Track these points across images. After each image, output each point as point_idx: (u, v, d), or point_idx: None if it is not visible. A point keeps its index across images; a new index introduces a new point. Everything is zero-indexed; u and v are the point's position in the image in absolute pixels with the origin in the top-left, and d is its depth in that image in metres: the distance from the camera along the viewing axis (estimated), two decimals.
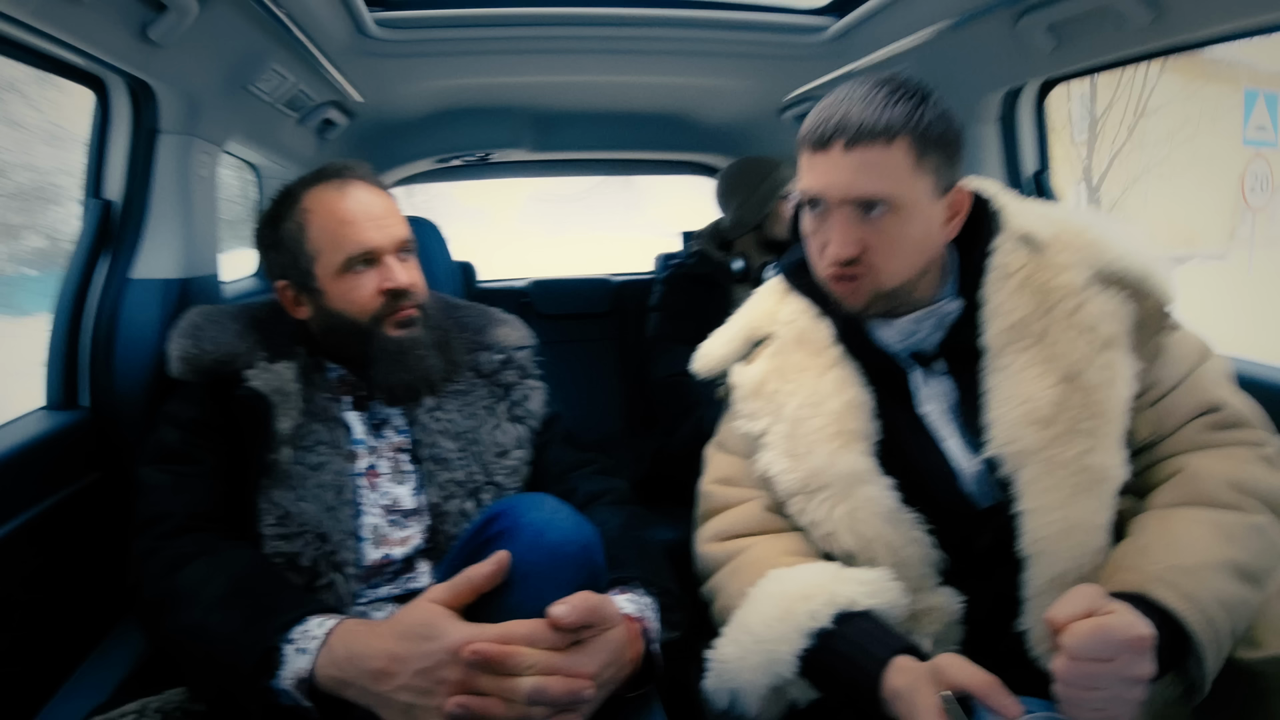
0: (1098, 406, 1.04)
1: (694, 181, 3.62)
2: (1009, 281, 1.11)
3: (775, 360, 1.22)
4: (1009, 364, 1.08)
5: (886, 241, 1.07)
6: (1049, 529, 1.03)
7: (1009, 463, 1.06)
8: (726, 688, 1.06)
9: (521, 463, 1.38)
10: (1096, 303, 1.07)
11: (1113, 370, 1.05)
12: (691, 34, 2.03)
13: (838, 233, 1.07)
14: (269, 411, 1.24)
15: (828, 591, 1.02)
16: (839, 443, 1.13)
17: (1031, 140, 2.15)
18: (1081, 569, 1.03)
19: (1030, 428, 1.05)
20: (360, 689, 0.91)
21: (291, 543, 1.18)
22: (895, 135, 1.03)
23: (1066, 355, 1.06)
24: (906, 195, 1.05)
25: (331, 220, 1.31)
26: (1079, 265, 1.09)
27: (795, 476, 1.15)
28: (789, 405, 1.17)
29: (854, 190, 1.04)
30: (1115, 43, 1.61)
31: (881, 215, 1.05)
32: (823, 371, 1.17)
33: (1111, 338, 1.06)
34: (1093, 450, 1.03)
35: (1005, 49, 1.81)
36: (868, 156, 1.03)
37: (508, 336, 1.51)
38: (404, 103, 2.45)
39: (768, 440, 1.19)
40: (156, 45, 1.38)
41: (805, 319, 1.23)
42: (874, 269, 1.08)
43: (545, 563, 0.96)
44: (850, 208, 1.06)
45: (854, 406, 1.15)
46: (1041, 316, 1.08)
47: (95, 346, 1.54)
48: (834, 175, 1.05)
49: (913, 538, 1.11)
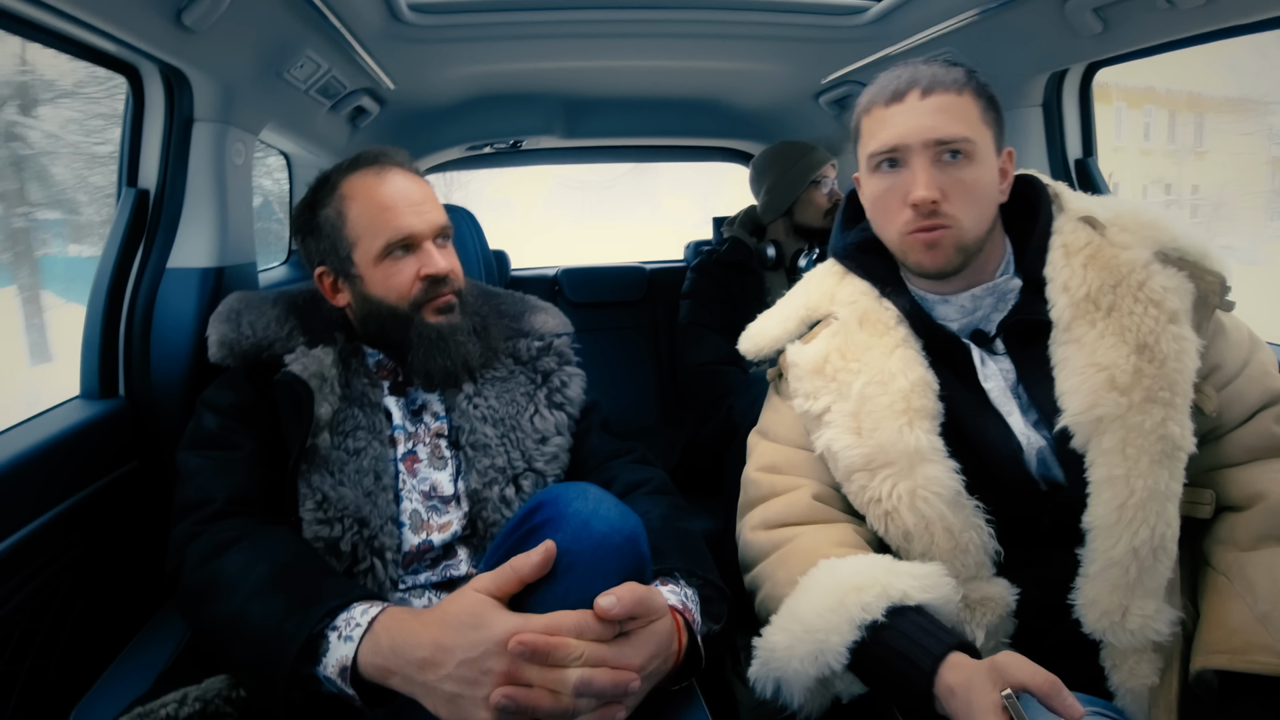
0: (1171, 376, 1.04)
1: (719, 168, 3.59)
2: (1075, 258, 1.12)
3: (837, 340, 1.22)
4: (1081, 335, 1.09)
5: (965, 188, 1.10)
6: (1134, 496, 1.02)
7: (1085, 431, 1.06)
8: (773, 676, 1.05)
9: (561, 449, 1.37)
10: (1159, 278, 1.08)
11: (1182, 343, 1.05)
12: (727, 17, 2.00)
13: (922, 176, 1.10)
14: (308, 396, 1.23)
15: (881, 584, 1.01)
16: (905, 419, 1.12)
17: (1076, 125, 2.10)
18: (1160, 538, 1.02)
19: (1111, 393, 1.04)
20: (405, 678, 0.90)
21: (331, 528, 1.17)
22: (964, 88, 1.11)
23: (1138, 327, 1.06)
24: (979, 142, 1.10)
25: (371, 206, 1.30)
26: (1140, 244, 1.11)
27: (859, 452, 1.15)
28: (855, 383, 1.17)
29: (937, 132, 1.09)
30: (1166, 26, 1.57)
31: (959, 161, 1.09)
32: (889, 350, 1.17)
33: (1176, 312, 1.06)
34: (1170, 419, 1.03)
35: (1050, 32, 1.77)
36: (944, 101, 1.10)
37: (546, 323, 1.51)
38: (436, 89, 2.44)
39: (830, 418, 1.19)
40: (191, 31, 1.38)
41: (867, 300, 1.23)
42: (955, 219, 1.10)
43: (591, 553, 0.94)
44: (932, 152, 1.10)
45: (921, 385, 1.14)
46: (1110, 290, 1.09)
47: (131, 336, 1.55)
48: (915, 120, 1.10)
49: (973, 524, 1.10)
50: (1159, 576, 1.03)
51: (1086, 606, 1.06)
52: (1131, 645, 1.04)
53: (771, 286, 2.49)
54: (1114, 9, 1.61)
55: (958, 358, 1.17)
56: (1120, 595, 1.03)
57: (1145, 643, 1.03)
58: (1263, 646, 0.95)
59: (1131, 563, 1.02)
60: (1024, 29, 1.81)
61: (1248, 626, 0.98)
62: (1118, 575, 1.03)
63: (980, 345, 1.17)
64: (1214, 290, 1.09)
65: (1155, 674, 1.04)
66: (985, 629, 1.09)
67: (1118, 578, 1.03)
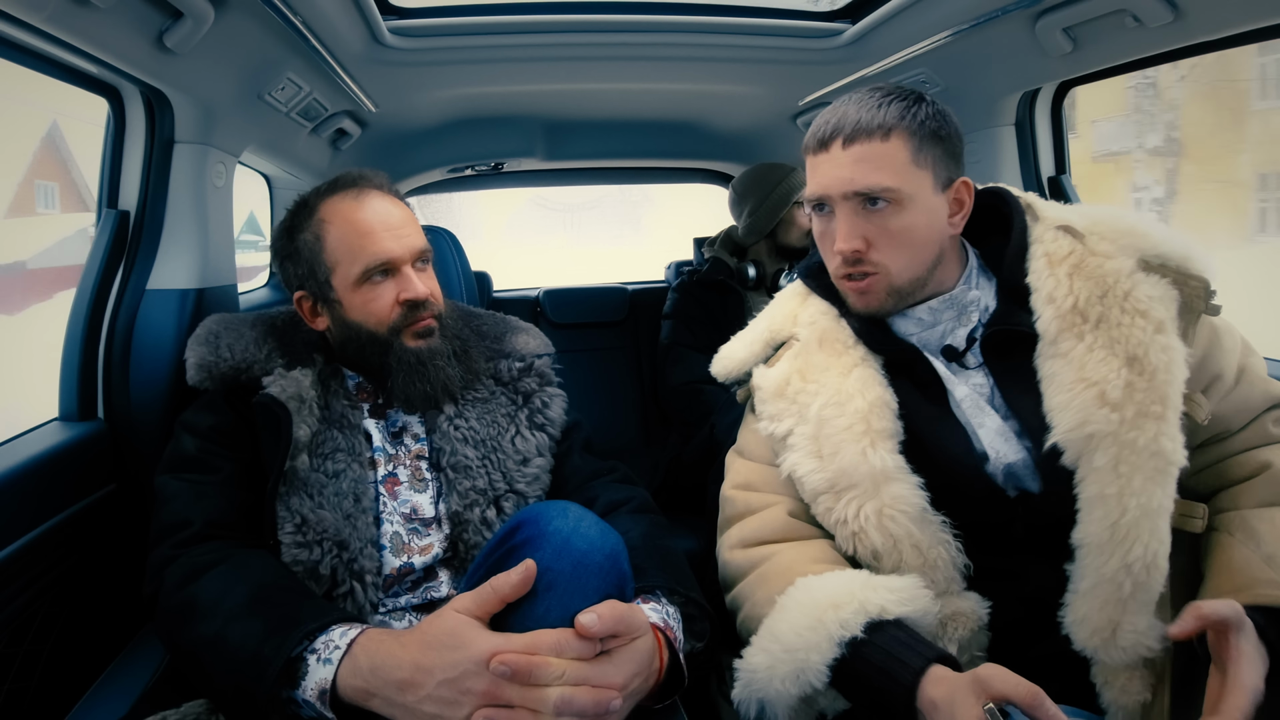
0: (1162, 389, 1.03)
1: (702, 190, 3.62)
2: (1059, 268, 1.11)
3: (798, 361, 1.22)
4: (1069, 349, 1.07)
5: (890, 236, 1.10)
6: (1128, 515, 1.01)
7: (1076, 448, 1.04)
8: (755, 697, 1.04)
9: (543, 470, 1.37)
10: (1144, 288, 1.08)
11: (1170, 353, 1.04)
12: (706, 40, 2.03)
13: (843, 227, 1.11)
14: (286, 418, 1.22)
15: (858, 599, 1.01)
16: (866, 441, 1.12)
17: (1049, 143, 2.14)
18: (1153, 555, 1.01)
19: (1103, 409, 1.03)
20: (385, 699, 0.89)
21: (311, 551, 1.16)
22: (891, 130, 1.09)
23: (1128, 338, 1.05)
24: (906, 188, 1.09)
25: (349, 230, 1.30)
26: (1122, 253, 1.10)
27: (823, 476, 1.14)
28: (813, 405, 1.17)
29: (854, 184, 1.09)
30: (1134, 44, 1.60)
31: (884, 209, 1.09)
32: (846, 371, 1.17)
33: (1163, 322, 1.06)
34: (1162, 434, 1.02)
35: (1021, 52, 1.81)
36: (867, 150, 1.09)
37: (527, 344, 1.51)
38: (417, 112, 2.45)
39: (793, 441, 1.19)
40: (172, 53, 1.38)
41: (826, 320, 1.24)
42: (882, 266, 1.11)
43: (572, 571, 0.94)
44: (853, 202, 1.11)
45: (879, 405, 1.14)
46: (1098, 301, 1.08)
47: (110, 357, 1.54)
48: (835, 171, 1.11)
49: (941, 539, 1.10)
50: (1151, 592, 1.02)
51: (1076, 624, 1.05)
52: (1123, 662, 1.03)
53: (753, 306, 2.50)
54: (1083, 28, 1.64)
55: (919, 370, 1.16)
56: (1111, 612, 1.03)
57: (1136, 659, 1.03)
58: (1269, 581, 0.96)
59: (1125, 579, 1.01)
60: (996, 50, 1.85)
61: (1252, 565, 0.99)
62: (1109, 592, 1.02)
63: (950, 359, 1.17)
64: (1198, 295, 1.09)
65: (1148, 690, 1.04)
66: (957, 643, 1.08)
67: (1109, 594, 1.02)
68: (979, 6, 1.64)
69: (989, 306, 1.18)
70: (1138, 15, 1.49)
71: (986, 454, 1.11)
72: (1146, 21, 1.49)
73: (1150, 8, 1.45)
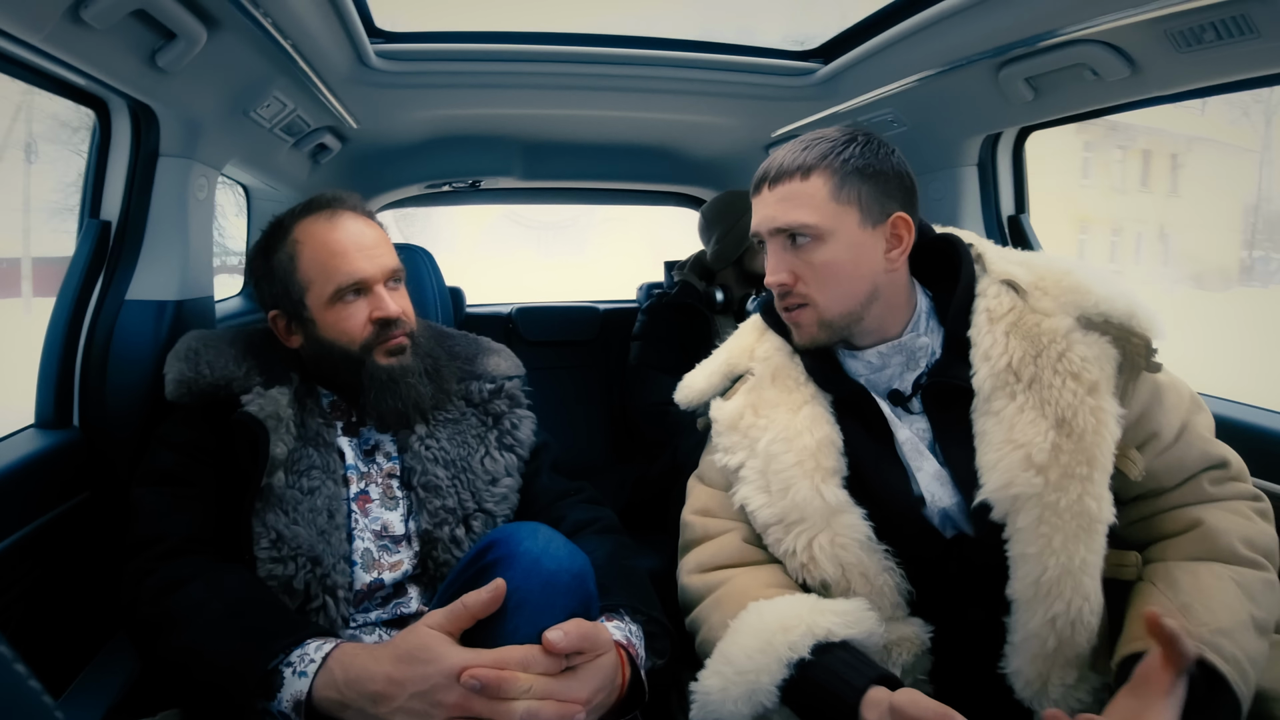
0: (1089, 451, 1.05)
1: (677, 213, 3.68)
2: (998, 325, 1.14)
3: (751, 396, 1.26)
4: (1001, 408, 1.10)
5: (814, 269, 1.17)
6: (1048, 573, 1.04)
7: (1003, 506, 1.07)
8: (711, 718, 1.07)
9: (511, 490, 1.40)
10: (1079, 348, 1.09)
11: (1100, 415, 1.06)
12: (683, 74, 2.09)
13: (770, 261, 1.20)
14: (264, 436, 1.25)
15: (806, 623, 1.05)
16: (817, 478, 1.16)
17: (1010, 184, 2.23)
18: (1076, 611, 1.04)
19: (1027, 472, 1.05)
20: (358, 711, 0.93)
21: (285, 566, 1.19)
22: (811, 170, 1.16)
23: (1057, 400, 1.07)
24: (825, 224, 1.15)
25: (322, 251, 1.33)
26: (1061, 311, 1.12)
27: (771, 511, 1.18)
28: (762, 440, 1.21)
29: (776, 221, 1.18)
30: (1092, 95, 1.69)
31: (806, 244, 1.16)
32: (796, 408, 1.21)
33: (1095, 384, 1.07)
34: (1086, 495, 1.04)
35: (985, 98, 1.88)
36: (788, 190, 1.17)
37: (498, 366, 1.54)
38: (398, 130, 2.49)
39: (744, 474, 1.22)
40: (163, 71, 1.40)
41: (780, 356, 1.28)
42: (810, 298, 1.18)
43: (540, 590, 0.99)
44: (779, 239, 1.19)
45: (826, 444, 1.18)
46: (1032, 361, 1.10)
47: (88, 366, 1.55)
48: (763, 210, 1.20)
49: (885, 566, 1.14)
50: (1076, 648, 1.05)
51: (1013, 675, 1.08)
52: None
53: (720, 329, 2.55)
54: (1044, 79, 1.72)
55: (866, 410, 1.20)
56: (1040, 666, 1.06)
57: (1069, 711, 1.03)
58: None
59: (1049, 635, 1.04)
60: (961, 94, 1.92)
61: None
62: (1036, 646, 1.05)
63: (896, 403, 1.20)
64: (1139, 353, 1.10)
65: None
66: (901, 667, 1.12)
67: (1037, 649, 1.05)
68: (945, 54, 1.71)
69: (936, 354, 1.20)
70: (1096, 69, 1.56)
71: (923, 496, 1.14)
72: (1104, 76, 1.57)
73: (1108, 63, 1.53)
